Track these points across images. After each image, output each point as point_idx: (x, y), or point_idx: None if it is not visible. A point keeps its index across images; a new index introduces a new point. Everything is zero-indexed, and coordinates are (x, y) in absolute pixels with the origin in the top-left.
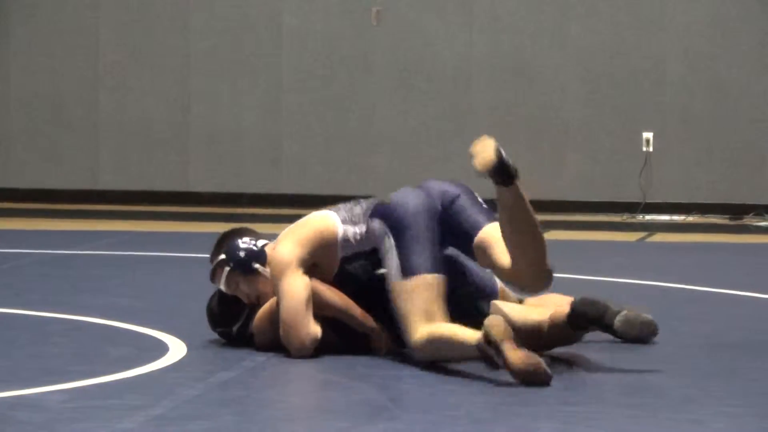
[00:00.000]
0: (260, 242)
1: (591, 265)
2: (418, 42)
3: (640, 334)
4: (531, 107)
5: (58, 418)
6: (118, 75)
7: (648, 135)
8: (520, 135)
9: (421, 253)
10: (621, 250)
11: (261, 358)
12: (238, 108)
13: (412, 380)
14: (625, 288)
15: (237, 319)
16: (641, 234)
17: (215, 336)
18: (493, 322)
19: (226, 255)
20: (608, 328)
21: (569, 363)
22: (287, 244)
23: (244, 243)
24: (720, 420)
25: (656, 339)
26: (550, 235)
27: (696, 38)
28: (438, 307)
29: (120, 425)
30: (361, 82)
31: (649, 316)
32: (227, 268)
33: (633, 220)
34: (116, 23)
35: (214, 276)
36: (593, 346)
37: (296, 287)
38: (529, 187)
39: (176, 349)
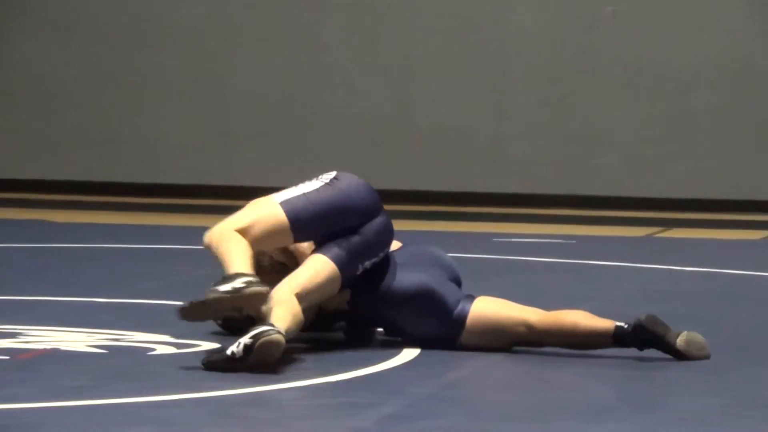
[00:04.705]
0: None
1: None
2: (644, 42)
3: (698, 355)
4: (756, 109)
5: (291, 415)
6: (344, 75)
7: None
8: (746, 137)
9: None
10: None
11: (494, 357)
12: (459, 107)
13: (640, 381)
14: None
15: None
16: None
17: None
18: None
19: None
20: (670, 347)
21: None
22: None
23: None
24: None
25: None
26: None
27: None
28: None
29: (352, 423)
30: (585, 81)
31: (703, 339)
32: None
33: None
34: (343, 24)
35: None
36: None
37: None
38: (758, 189)
39: (409, 349)
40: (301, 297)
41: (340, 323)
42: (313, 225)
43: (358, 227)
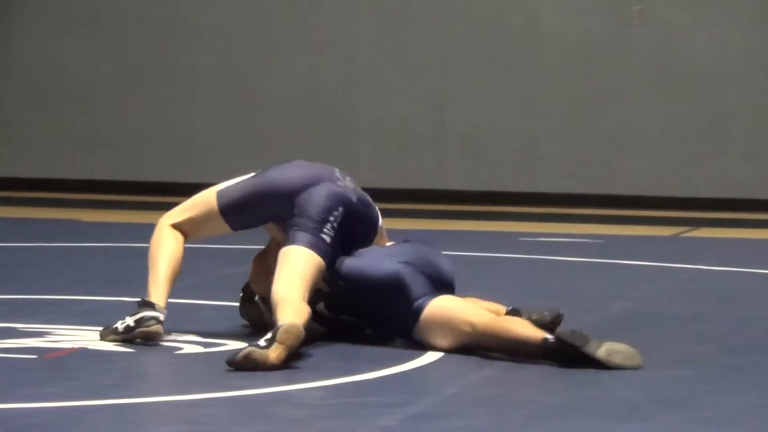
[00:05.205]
0: None
1: None
2: (673, 41)
3: (625, 365)
4: None
5: (318, 414)
6: (374, 75)
7: None
8: None
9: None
10: None
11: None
12: (490, 107)
13: (666, 381)
14: None
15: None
16: None
17: None
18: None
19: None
20: (589, 357)
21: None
22: None
23: None
24: None
25: None
26: None
27: None
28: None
29: (378, 422)
30: (614, 81)
31: (630, 348)
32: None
33: None
34: (372, 23)
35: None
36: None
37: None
38: None
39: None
40: (300, 292)
41: (319, 305)
42: (245, 211)
43: (294, 205)
